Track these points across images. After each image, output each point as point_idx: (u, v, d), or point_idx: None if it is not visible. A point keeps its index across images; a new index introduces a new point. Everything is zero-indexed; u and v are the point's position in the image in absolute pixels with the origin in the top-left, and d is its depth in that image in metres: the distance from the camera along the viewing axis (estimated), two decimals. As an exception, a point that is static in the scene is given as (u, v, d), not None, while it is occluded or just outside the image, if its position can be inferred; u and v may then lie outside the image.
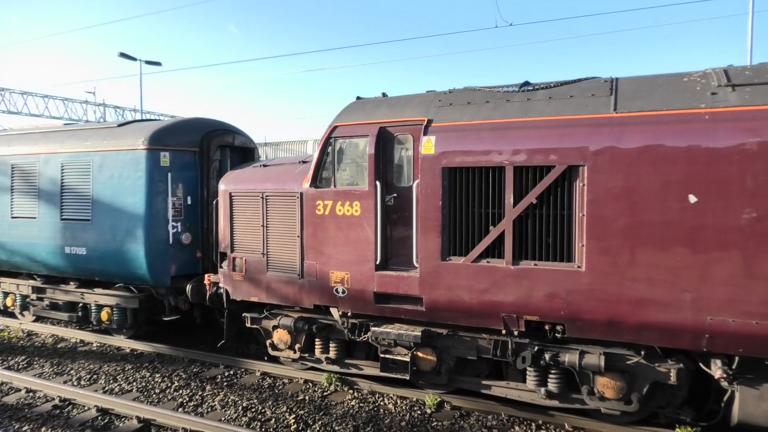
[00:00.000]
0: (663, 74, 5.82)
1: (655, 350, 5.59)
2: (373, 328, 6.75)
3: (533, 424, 6.29)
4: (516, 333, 6.08)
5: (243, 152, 9.96)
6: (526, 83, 6.44)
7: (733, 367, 5.21)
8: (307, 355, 7.66)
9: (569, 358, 5.79)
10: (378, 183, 6.48)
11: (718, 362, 5.26)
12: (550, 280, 5.59)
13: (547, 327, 5.84)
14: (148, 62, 31.80)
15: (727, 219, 4.88)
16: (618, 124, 5.35)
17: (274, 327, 7.73)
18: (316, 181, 6.95)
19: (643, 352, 5.58)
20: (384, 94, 7.37)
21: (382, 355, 6.85)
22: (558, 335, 5.80)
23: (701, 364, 5.47)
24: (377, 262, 6.51)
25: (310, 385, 7.61)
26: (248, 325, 7.98)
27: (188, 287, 8.62)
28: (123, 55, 30.14)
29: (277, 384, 7.68)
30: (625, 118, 5.36)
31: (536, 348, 5.99)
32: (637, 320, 5.27)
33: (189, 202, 9.04)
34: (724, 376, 5.13)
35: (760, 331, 4.84)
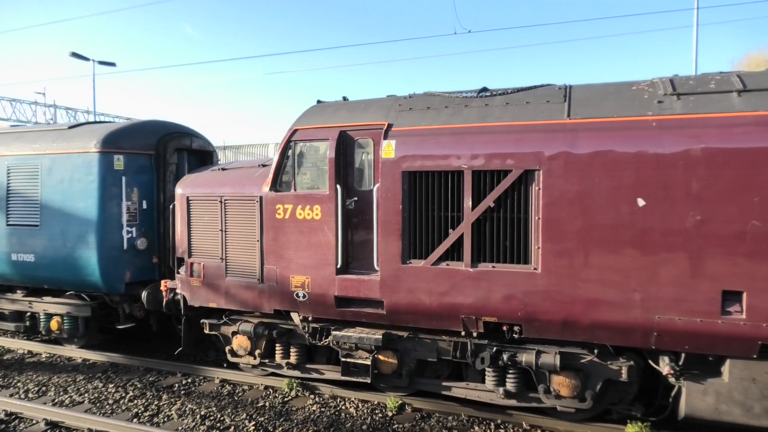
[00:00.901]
0: (614, 82, 6.05)
1: (608, 348, 5.78)
2: (334, 332, 6.73)
3: (492, 424, 6.40)
4: (475, 334, 6.18)
5: (201, 155, 9.78)
6: (484, 89, 6.57)
7: (680, 363, 5.44)
8: (267, 360, 7.57)
9: (526, 358, 5.92)
10: (339, 187, 6.48)
11: (666, 359, 5.48)
12: (508, 282, 5.71)
13: (505, 328, 5.97)
14: (101, 62, 30.81)
15: (673, 222, 5.11)
16: (571, 130, 5.52)
17: (234, 333, 7.60)
18: (276, 184, 6.89)
19: (596, 351, 5.77)
20: (344, 98, 7.39)
21: (343, 359, 6.84)
22: (515, 336, 5.93)
23: (650, 361, 5.70)
24: (338, 266, 6.50)
25: (271, 391, 7.52)
26: (207, 331, 7.82)
27: (144, 294, 8.39)
28: (75, 54, 29.11)
29: (237, 391, 7.55)
30: (577, 124, 5.54)
31: (495, 349, 6.10)
32: (590, 320, 5.44)
33: (144, 206, 8.82)
34: (672, 372, 5.35)
35: (704, 328, 5.07)
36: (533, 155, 5.59)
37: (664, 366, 5.44)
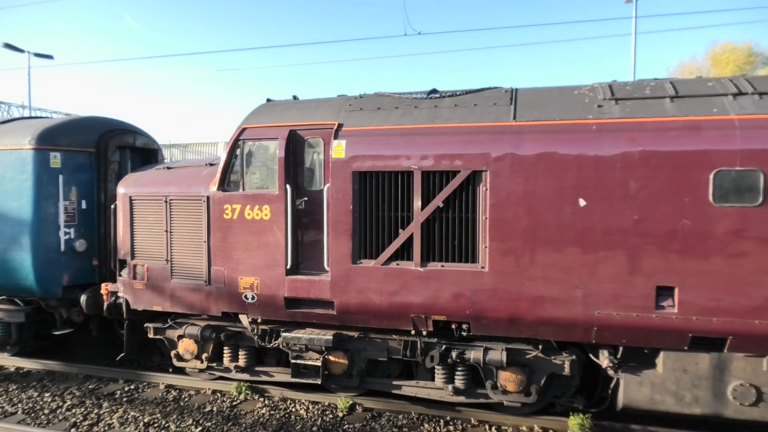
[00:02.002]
0: (557, 86, 6.26)
1: (551, 344, 5.99)
2: (284, 334, 6.66)
3: (441, 421, 6.49)
4: (425, 333, 6.25)
5: (145, 154, 9.44)
6: (434, 91, 6.65)
7: (618, 356, 5.70)
8: (215, 364, 7.40)
9: (474, 355, 6.04)
10: (288, 186, 6.41)
11: (605, 352, 5.73)
12: (456, 281, 5.81)
13: (453, 326, 6.07)
14: (37, 55, 29.19)
15: (611, 221, 5.34)
16: (517, 132, 5.68)
17: (180, 337, 7.39)
18: (224, 184, 6.74)
19: (540, 347, 5.96)
20: (295, 97, 7.31)
21: (293, 361, 6.76)
22: (464, 334, 6.04)
23: (591, 355, 5.94)
24: (288, 267, 6.43)
25: (219, 395, 7.35)
26: (151, 335, 7.56)
27: (83, 298, 8.03)
28: (8, 45, 27.46)
29: (183, 396, 7.34)
30: (523, 126, 5.70)
31: (444, 347, 6.19)
32: (535, 317, 5.61)
33: (84, 206, 8.43)
34: (611, 365, 5.59)
35: (640, 322, 5.33)
36: (480, 156, 5.71)
37: (604, 359, 5.68)
